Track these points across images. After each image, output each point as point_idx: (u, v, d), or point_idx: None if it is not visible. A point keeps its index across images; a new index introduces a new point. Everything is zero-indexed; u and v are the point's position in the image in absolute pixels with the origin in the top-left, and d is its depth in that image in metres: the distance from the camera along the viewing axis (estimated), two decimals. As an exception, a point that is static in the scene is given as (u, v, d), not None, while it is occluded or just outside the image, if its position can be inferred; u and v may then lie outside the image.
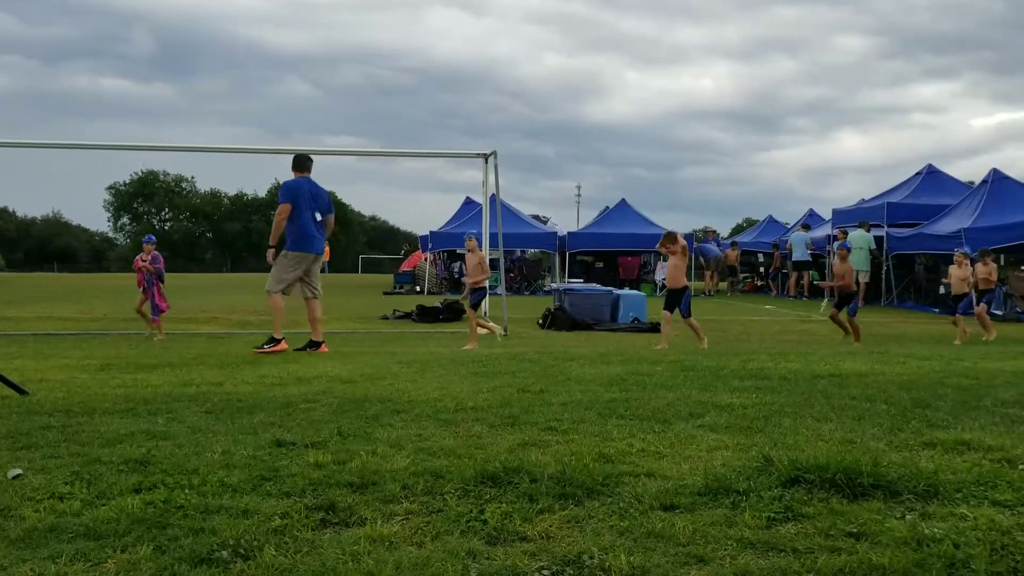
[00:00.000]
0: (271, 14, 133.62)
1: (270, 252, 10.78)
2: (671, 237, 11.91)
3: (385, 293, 26.40)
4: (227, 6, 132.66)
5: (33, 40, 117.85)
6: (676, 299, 11.78)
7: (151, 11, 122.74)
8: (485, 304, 16.29)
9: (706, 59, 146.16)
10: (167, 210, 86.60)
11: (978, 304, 13.02)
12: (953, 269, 12.82)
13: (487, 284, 12.66)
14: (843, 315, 12.66)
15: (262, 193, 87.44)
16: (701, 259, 27.85)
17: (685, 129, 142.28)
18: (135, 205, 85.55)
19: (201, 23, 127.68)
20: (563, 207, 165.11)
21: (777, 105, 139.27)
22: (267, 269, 10.94)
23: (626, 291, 17.84)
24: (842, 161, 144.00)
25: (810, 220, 28.75)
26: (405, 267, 31.83)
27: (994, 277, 13.42)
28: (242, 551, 2.96)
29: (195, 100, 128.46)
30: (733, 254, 28.77)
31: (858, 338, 12.23)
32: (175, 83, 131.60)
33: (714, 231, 33.78)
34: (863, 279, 21.50)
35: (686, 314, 11.72)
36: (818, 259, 25.24)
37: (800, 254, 24.91)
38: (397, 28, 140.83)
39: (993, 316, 14.35)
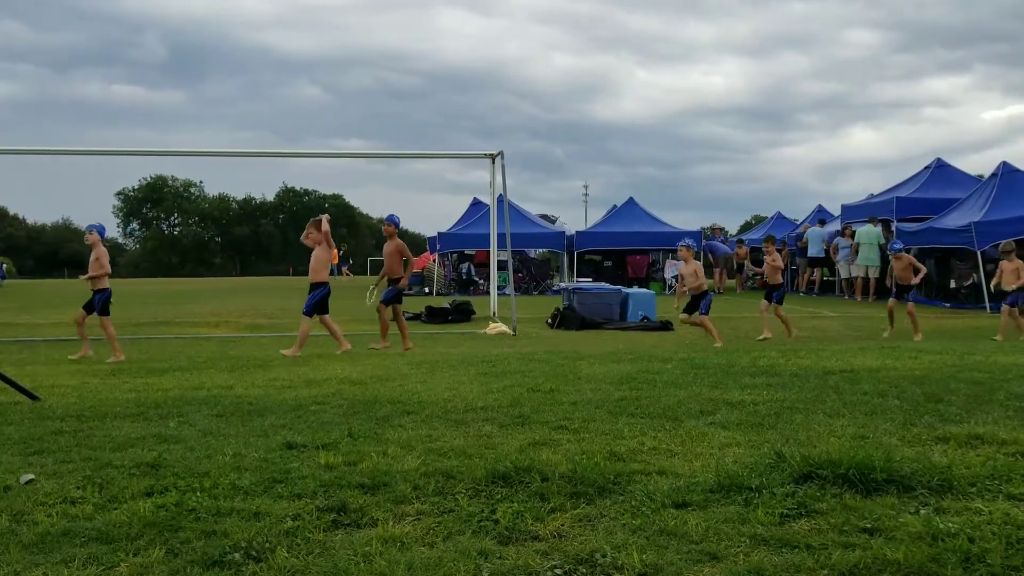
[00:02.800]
0: (280, 18, 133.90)
1: None
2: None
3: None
4: (237, 11, 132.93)
5: (44, 47, 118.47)
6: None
7: (161, 17, 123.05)
8: (493, 304, 16.30)
9: (716, 56, 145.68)
10: (176, 215, 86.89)
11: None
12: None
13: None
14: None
15: (270, 197, 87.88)
16: (710, 256, 27.77)
17: (695, 127, 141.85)
18: (144, 210, 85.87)
19: (211, 28, 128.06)
20: (571, 207, 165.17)
21: (788, 101, 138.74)
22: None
23: (635, 290, 17.79)
24: (853, 157, 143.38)
25: (820, 215, 28.61)
26: (413, 268, 31.85)
27: None
28: (254, 553, 2.96)
29: (205, 105, 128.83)
30: (742, 252, 28.68)
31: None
32: (185, 89, 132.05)
33: (721, 228, 33.66)
34: (872, 274, 21.39)
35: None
36: (830, 255, 25.12)
37: (816, 250, 24.78)
38: (406, 30, 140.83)
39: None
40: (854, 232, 22.91)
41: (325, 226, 10.65)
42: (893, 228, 21.67)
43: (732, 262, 28.43)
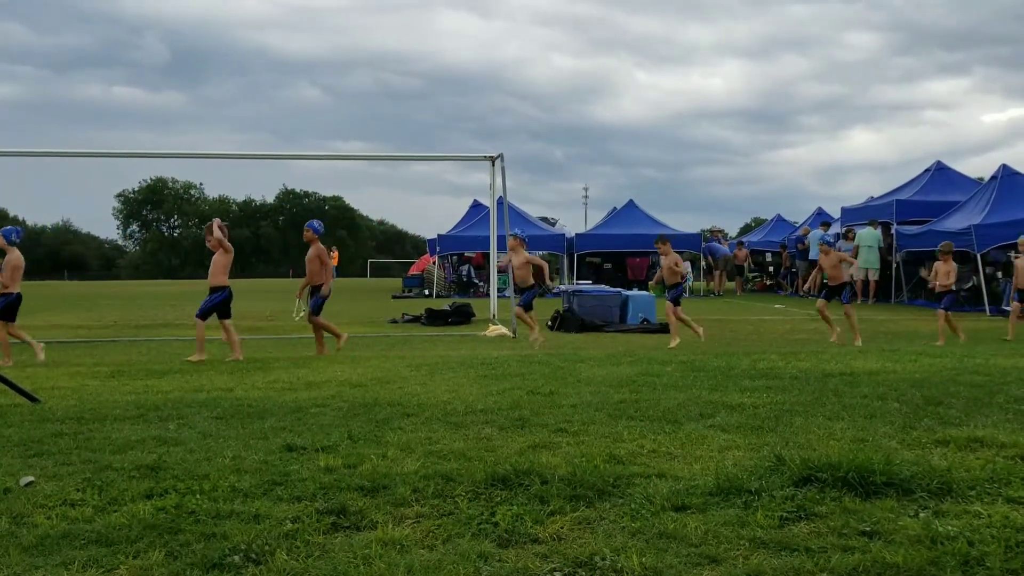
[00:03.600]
0: (281, 20, 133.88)
1: None
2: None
3: (394, 297, 26.40)
4: (237, 12, 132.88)
5: (44, 49, 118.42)
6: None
7: (162, 19, 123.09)
8: (493, 306, 16.30)
9: (716, 58, 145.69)
10: (176, 217, 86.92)
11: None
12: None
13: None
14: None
15: (270, 199, 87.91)
16: (709, 258, 27.77)
17: (695, 129, 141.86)
18: (144, 212, 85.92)
19: (211, 30, 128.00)
20: (571, 209, 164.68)
21: (788, 103, 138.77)
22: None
23: (635, 292, 17.81)
24: (853, 159, 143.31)
25: (819, 218, 28.61)
26: (413, 271, 31.87)
27: None
28: (254, 556, 2.96)
29: (205, 107, 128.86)
30: (741, 254, 28.67)
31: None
32: (185, 90, 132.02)
33: (720, 230, 33.63)
34: (872, 277, 21.40)
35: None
36: None
37: (816, 253, 24.80)
38: (406, 32, 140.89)
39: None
40: (856, 235, 22.93)
41: (215, 231, 10.46)
42: (893, 231, 21.69)
43: (731, 264, 28.43)
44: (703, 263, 27.73)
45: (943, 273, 12.23)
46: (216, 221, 10.70)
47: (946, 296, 12.22)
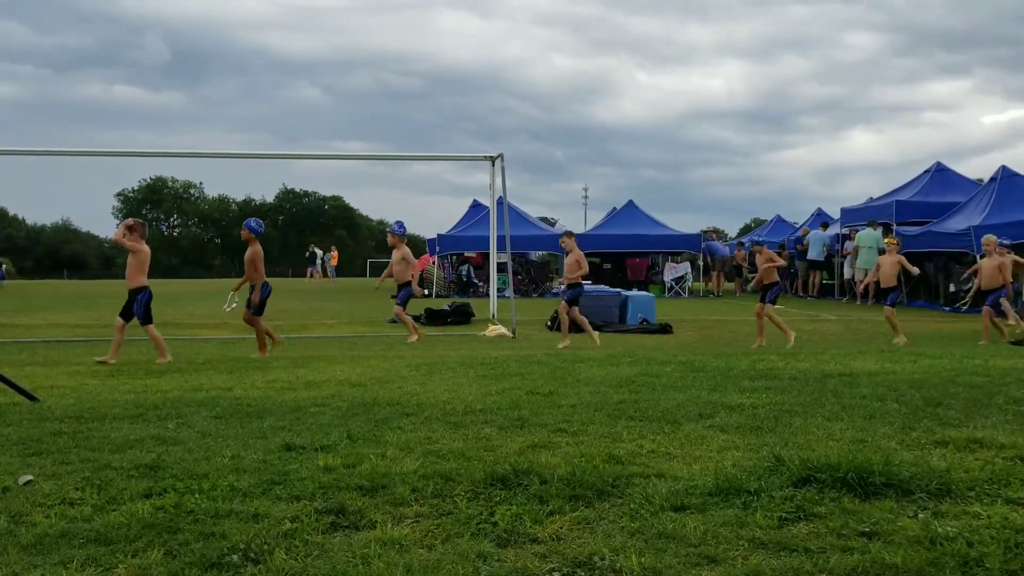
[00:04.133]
0: (281, 20, 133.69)
1: None
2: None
3: (393, 297, 26.40)
4: (237, 12, 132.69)
5: (44, 48, 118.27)
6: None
7: (161, 18, 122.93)
8: (492, 306, 16.30)
9: (716, 59, 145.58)
10: (176, 216, 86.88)
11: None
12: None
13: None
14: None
15: (270, 198, 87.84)
16: (708, 258, 27.79)
17: (695, 129, 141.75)
18: (144, 212, 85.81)
19: (211, 29, 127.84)
20: (571, 209, 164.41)
21: (788, 104, 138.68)
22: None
23: (634, 292, 17.79)
24: (853, 160, 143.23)
25: (819, 219, 28.62)
26: (413, 271, 31.88)
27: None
28: (252, 555, 2.96)
29: (205, 106, 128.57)
30: (740, 254, 28.67)
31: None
32: (185, 90, 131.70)
33: (718, 231, 33.64)
34: (872, 277, 21.40)
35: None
36: (830, 259, 25.13)
37: (816, 253, 24.79)
38: (406, 32, 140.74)
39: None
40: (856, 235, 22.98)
41: (117, 231, 10.23)
42: (894, 232, 21.70)
43: (729, 264, 28.44)
44: (701, 263, 27.74)
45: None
46: (124, 223, 10.46)
47: (992, 293, 12.30)
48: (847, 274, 23.11)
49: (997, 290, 12.30)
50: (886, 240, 13.72)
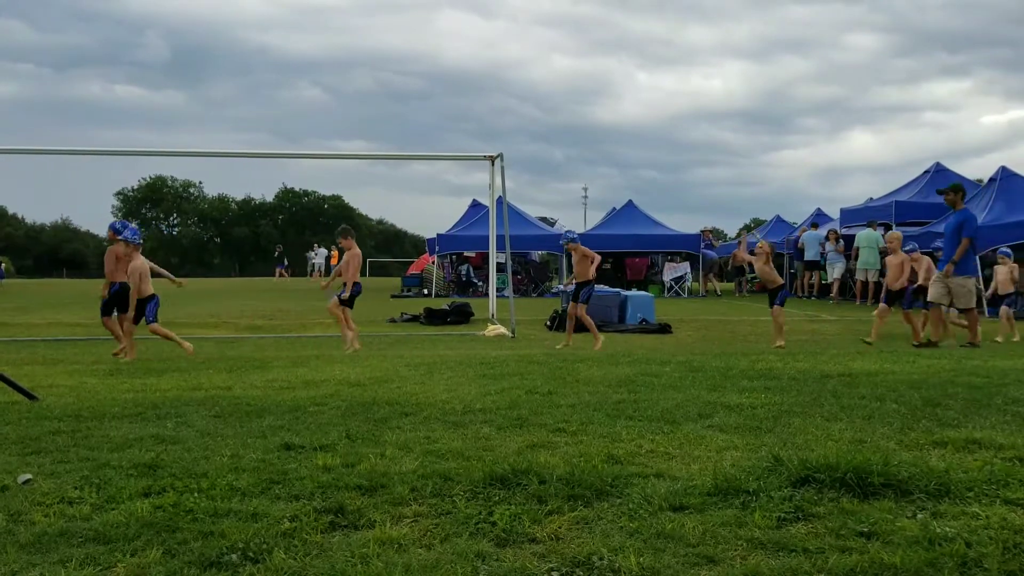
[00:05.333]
0: (282, 20, 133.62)
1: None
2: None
3: (393, 296, 26.39)
4: (238, 12, 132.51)
5: (45, 47, 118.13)
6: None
7: (163, 18, 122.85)
8: (492, 306, 16.29)
9: (716, 59, 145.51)
10: (175, 215, 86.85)
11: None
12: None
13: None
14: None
15: (270, 198, 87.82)
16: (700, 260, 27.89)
17: (695, 130, 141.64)
18: (143, 211, 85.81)
19: (212, 29, 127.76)
20: (571, 209, 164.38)
21: (788, 105, 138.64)
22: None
23: (634, 292, 17.80)
24: (853, 161, 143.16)
25: (817, 219, 28.62)
26: (412, 270, 31.88)
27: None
28: (251, 554, 2.96)
29: (205, 106, 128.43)
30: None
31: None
32: (186, 89, 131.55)
33: (712, 231, 33.60)
34: (872, 278, 21.40)
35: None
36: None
37: (812, 254, 24.81)
38: (407, 32, 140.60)
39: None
40: (839, 236, 23.05)
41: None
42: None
43: (717, 266, 28.58)
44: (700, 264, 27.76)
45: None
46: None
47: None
48: (835, 273, 23.14)
49: (907, 289, 12.23)
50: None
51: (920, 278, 12.36)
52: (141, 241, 10.79)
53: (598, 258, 12.20)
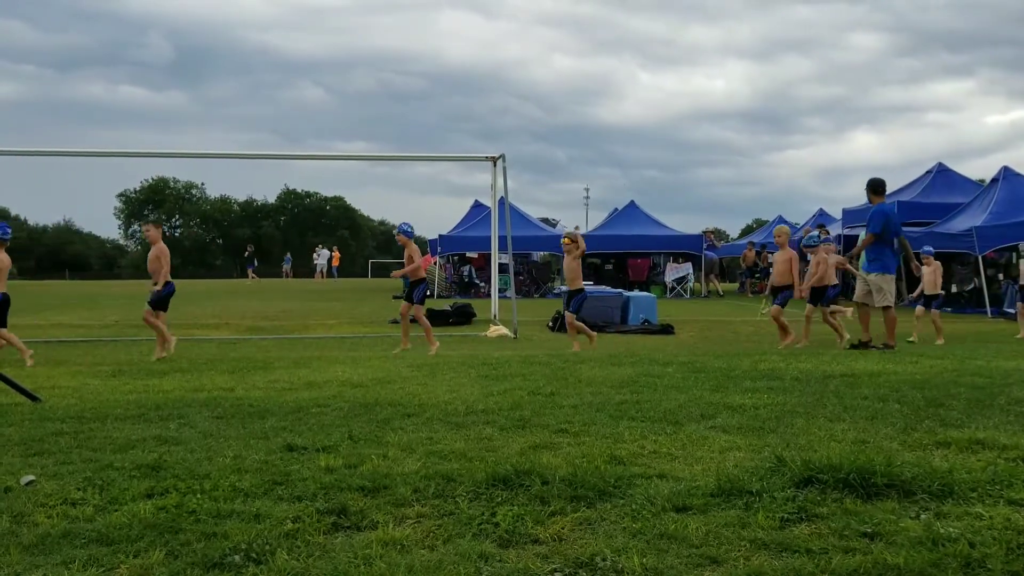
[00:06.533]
0: (283, 20, 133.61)
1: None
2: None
3: (395, 297, 26.38)
4: (240, 12, 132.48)
5: (47, 48, 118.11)
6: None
7: (164, 18, 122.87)
8: (494, 307, 16.30)
9: (719, 59, 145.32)
10: (177, 216, 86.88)
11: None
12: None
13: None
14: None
15: (272, 199, 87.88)
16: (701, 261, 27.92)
17: (697, 130, 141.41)
18: (146, 212, 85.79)
19: (214, 29, 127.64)
20: (573, 209, 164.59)
21: (790, 105, 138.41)
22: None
23: (636, 293, 17.81)
24: (856, 161, 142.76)
25: (820, 219, 28.63)
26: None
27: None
28: (254, 555, 2.96)
29: (207, 106, 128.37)
30: (750, 254, 28.62)
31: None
32: (188, 90, 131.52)
33: (713, 231, 33.61)
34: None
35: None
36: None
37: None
38: (408, 32, 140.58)
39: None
40: (828, 233, 23.03)
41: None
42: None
43: (716, 267, 28.60)
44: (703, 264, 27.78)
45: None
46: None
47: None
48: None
49: (789, 287, 12.04)
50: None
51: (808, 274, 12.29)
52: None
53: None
